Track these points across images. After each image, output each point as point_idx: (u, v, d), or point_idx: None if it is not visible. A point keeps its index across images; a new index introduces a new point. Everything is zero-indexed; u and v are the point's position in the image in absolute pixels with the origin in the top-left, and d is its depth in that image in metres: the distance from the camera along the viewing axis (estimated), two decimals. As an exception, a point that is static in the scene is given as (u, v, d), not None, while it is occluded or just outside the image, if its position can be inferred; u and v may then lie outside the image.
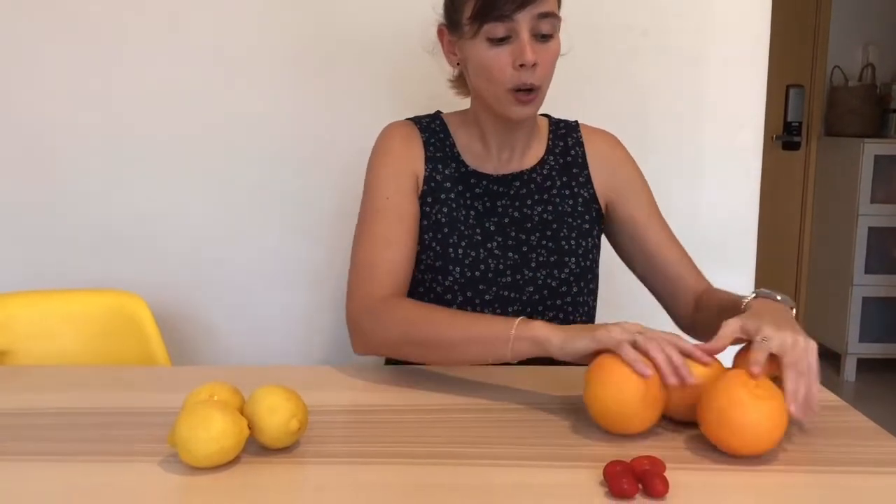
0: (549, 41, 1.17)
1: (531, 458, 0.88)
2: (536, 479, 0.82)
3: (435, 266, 1.25)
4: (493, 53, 1.16)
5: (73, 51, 1.66)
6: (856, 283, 3.65)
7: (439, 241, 1.25)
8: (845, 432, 0.96)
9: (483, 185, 1.28)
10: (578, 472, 0.84)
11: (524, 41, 1.14)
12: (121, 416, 1.00)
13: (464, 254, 1.24)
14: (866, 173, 3.56)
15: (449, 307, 1.24)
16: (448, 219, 1.25)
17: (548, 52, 1.17)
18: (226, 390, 0.91)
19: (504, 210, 1.27)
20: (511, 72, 1.16)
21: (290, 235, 1.73)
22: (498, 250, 1.25)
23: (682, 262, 1.29)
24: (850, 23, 3.86)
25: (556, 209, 1.28)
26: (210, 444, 0.82)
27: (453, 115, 1.34)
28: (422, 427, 0.97)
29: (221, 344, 1.75)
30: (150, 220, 1.71)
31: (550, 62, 1.19)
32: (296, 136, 1.70)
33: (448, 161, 1.29)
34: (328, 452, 0.90)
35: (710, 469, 0.86)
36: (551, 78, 1.21)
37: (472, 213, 1.27)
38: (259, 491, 0.81)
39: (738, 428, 0.86)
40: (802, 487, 0.82)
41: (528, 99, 1.18)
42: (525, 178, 1.29)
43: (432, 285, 1.26)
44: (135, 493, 0.80)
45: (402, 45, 1.63)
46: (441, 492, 0.80)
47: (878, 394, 3.54)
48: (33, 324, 1.44)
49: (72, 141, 1.69)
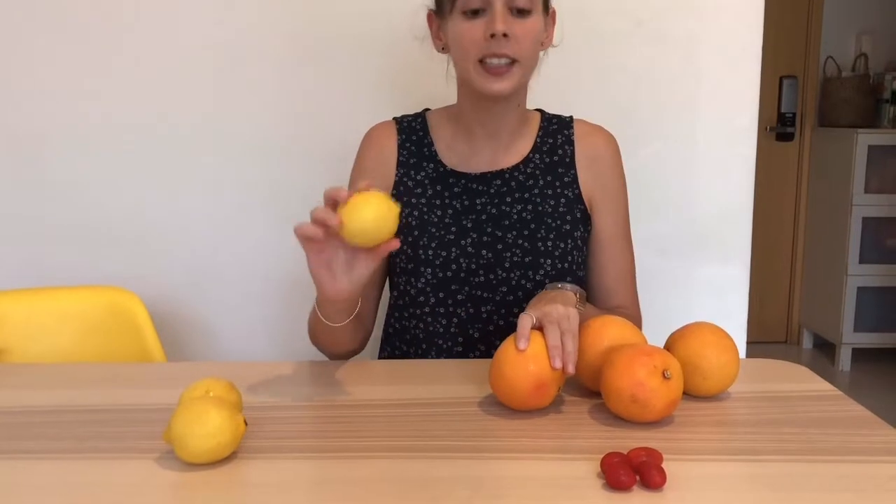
0: (527, 17, 1.16)
1: (529, 451, 0.88)
2: (534, 472, 0.82)
3: (407, 269, 1.25)
4: (467, 26, 1.16)
5: (65, 48, 1.65)
6: (850, 273, 3.66)
7: (410, 243, 1.24)
8: (841, 422, 0.96)
9: (462, 183, 1.27)
10: (576, 464, 0.84)
11: (497, 11, 1.14)
12: (116, 412, 1.00)
13: (434, 254, 1.23)
14: (860, 163, 3.57)
15: (422, 309, 1.25)
16: (419, 221, 1.25)
17: (523, 27, 1.16)
18: (221, 386, 0.91)
19: (483, 208, 1.26)
20: (482, 43, 1.15)
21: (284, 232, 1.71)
22: (472, 248, 1.24)
23: (617, 291, 1.30)
24: (842, 13, 3.86)
25: (536, 209, 1.26)
26: (206, 440, 0.82)
27: (439, 111, 1.33)
28: (419, 421, 0.97)
29: (216, 340, 1.74)
30: (145, 216, 1.71)
31: (526, 37, 1.17)
32: (290, 133, 1.70)
33: (423, 163, 1.28)
34: (325, 448, 0.90)
35: (707, 460, 0.86)
36: (533, 57, 1.20)
37: (448, 211, 1.26)
38: (254, 487, 0.81)
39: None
40: (799, 477, 0.82)
41: (498, 71, 1.16)
42: (507, 176, 1.28)
43: (406, 288, 1.26)
44: (131, 489, 0.80)
45: (395, 38, 1.63)
46: (441, 485, 0.80)
47: (873, 383, 3.55)
48: (28, 322, 1.44)
49: (65, 138, 1.68)
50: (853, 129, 3.62)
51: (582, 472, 0.82)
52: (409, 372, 1.18)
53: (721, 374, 1.01)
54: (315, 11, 1.66)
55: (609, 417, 0.96)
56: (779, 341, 4.14)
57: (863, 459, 0.86)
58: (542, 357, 0.95)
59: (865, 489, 0.80)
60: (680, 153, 1.73)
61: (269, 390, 1.06)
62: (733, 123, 1.73)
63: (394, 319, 1.32)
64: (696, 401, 1.02)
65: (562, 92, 1.39)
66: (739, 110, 1.73)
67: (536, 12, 1.17)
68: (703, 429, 0.95)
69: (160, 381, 1.16)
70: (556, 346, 0.96)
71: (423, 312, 1.26)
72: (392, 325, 1.32)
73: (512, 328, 1.19)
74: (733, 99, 1.72)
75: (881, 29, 3.86)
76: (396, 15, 1.60)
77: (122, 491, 0.80)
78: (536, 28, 1.18)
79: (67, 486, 0.81)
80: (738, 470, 0.85)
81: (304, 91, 1.68)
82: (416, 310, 1.26)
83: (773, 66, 3.78)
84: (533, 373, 0.95)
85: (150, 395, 1.07)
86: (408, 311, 1.28)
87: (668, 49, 1.69)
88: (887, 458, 0.87)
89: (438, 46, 1.26)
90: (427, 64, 1.34)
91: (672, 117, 1.72)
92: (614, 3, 1.68)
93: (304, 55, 1.67)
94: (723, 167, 1.74)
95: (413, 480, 0.81)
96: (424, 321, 1.26)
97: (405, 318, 1.29)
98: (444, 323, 1.25)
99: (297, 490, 0.81)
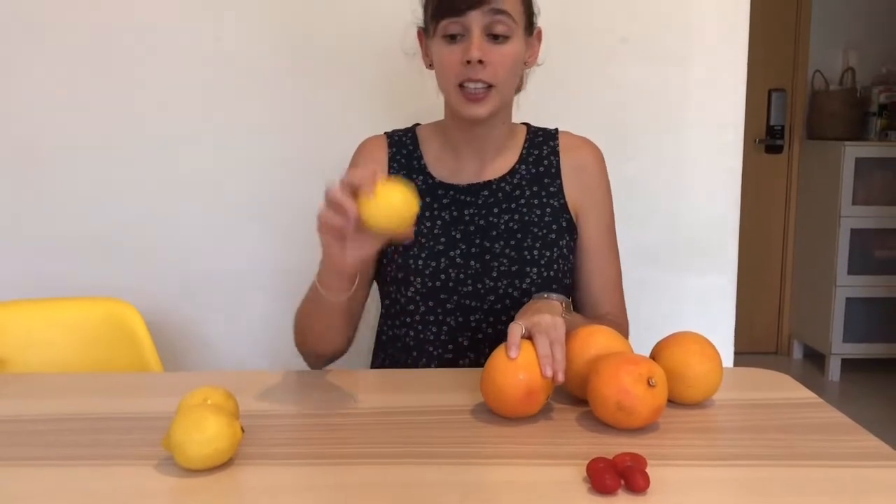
0: (503, 43, 1.19)
1: (515, 457, 0.91)
2: (521, 477, 0.85)
3: (398, 278, 1.28)
4: (447, 50, 1.20)
5: (62, 59, 1.67)
6: (839, 284, 3.69)
7: (401, 253, 1.27)
8: (821, 428, 0.99)
9: (450, 195, 1.30)
10: (562, 469, 0.86)
11: (474, 38, 1.17)
12: (114, 421, 1.02)
13: (424, 264, 1.26)
14: (848, 175, 3.61)
15: (412, 318, 1.28)
16: None
17: (499, 53, 1.19)
18: (219, 394, 0.93)
19: (471, 219, 1.29)
20: (459, 68, 1.19)
21: (280, 241, 1.74)
22: (461, 258, 1.27)
23: (605, 299, 1.33)
24: (830, 28, 3.91)
25: (523, 218, 1.29)
26: (204, 445, 0.84)
27: (429, 126, 1.37)
28: (408, 428, 0.99)
29: (213, 350, 1.76)
30: (142, 228, 1.73)
31: (503, 63, 1.20)
32: (287, 142, 1.72)
33: (413, 175, 1.31)
34: (319, 454, 0.92)
35: (690, 465, 0.89)
36: (511, 81, 1.24)
37: (437, 222, 1.29)
38: (250, 493, 0.83)
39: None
40: (781, 481, 0.85)
41: (475, 97, 1.20)
42: (493, 187, 1.30)
43: (397, 297, 1.29)
44: (129, 496, 0.82)
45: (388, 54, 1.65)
46: (428, 490, 0.82)
47: (863, 394, 3.58)
48: (27, 332, 1.45)
49: (63, 148, 1.70)
50: (841, 141, 3.66)
51: (568, 477, 0.84)
52: (401, 380, 1.20)
53: (704, 382, 1.04)
54: (310, 26, 1.69)
55: (595, 424, 0.98)
56: (769, 352, 4.16)
57: (842, 464, 0.89)
58: (533, 365, 0.98)
59: (843, 493, 0.82)
60: (667, 166, 1.76)
61: (264, 398, 1.08)
62: (720, 137, 1.76)
63: (386, 327, 1.34)
64: (680, 408, 1.04)
65: (549, 108, 1.42)
66: (726, 124, 1.75)
67: (516, 36, 1.20)
68: (687, 435, 0.97)
69: (157, 391, 1.18)
70: (546, 354, 0.98)
71: (414, 321, 1.28)
72: (385, 333, 1.35)
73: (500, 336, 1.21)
74: (719, 113, 1.75)
75: (868, 43, 3.91)
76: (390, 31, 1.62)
77: (120, 497, 0.82)
78: (514, 53, 1.21)
79: (66, 493, 0.83)
80: (720, 474, 0.87)
81: (299, 103, 1.71)
82: (406, 318, 1.29)
83: (762, 79, 3.82)
84: (523, 381, 0.97)
85: (148, 404, 1.08)
86: (399, 320, 1.31)
87: (655, 64, 1.72)
88: (865, 462, 0.89)
89: (427, 63, 1.29)
90: (418, 79, 1.37)
91: (659, 131, 1.75)
92: (601, 20, 1.71)
93: (299, 68, 1.70)
94: (710, 179, 1.77)
95: (404, 486, 0.83)
96: (415, 329, 1.29)
97: (396, 327, 1.31)
98: (434, 331, 1.28)
99: (291, 495, 0.83)
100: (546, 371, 0.97)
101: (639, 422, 0.95)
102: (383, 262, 1.29)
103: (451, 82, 1.21)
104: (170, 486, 0.83)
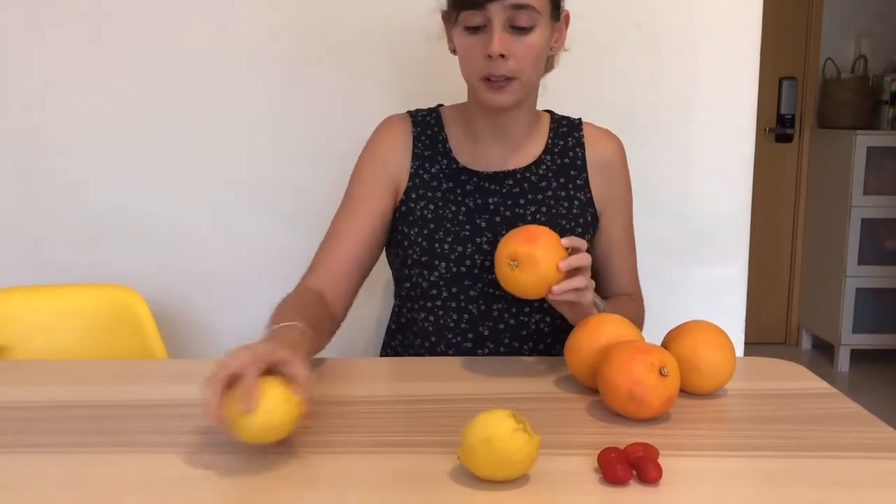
0: (527, 34, 1.16)
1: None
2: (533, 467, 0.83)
3: (421, 261, 1.26)
4: (468, 42, 1.18)
5: (67, 46, 1.66)
6: (849, 274, 3.67)
7: (425, 236, 1.25)
8: (835, 418, 0.97)
9: (474, 181, 1.28)
10: (573, 459, 0.85)
11: (495, 31, 1.15)
12: (118, 409, 1.01)
13: (450, 249, 1.24)
14: (859, 165, 3.58)
15: (433, 303, 1.26)
16: (434, 214, 1.26)
17: (523, 44, 1.16)
18: None
19: (496, 207, 1.27)
20: (481, 62, 1.17)
21: (286, 228, 1.73)
22: (487, 246, 1.25)
23: (628, 285, 1.35)
24: (842, 15, 3.87)
25: (551, 211, 1.27)
26: (268, 416, 0.81)
27: (452, 108, 1.34)
28: (418, 417, 0.98)
29: (218, 338, 1.75)
30: (147, 214, 1.71)
31: (526, 55, 1.17)
32: (291, 129, 1.70)
33: (438, 157, 1.29)
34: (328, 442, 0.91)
35: (703, 455, 0.88)
36: (535, 70, 1.21)
37: (462, 209, 1.27)
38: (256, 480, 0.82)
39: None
40: (795, 472, 0.83)
41: (499, 86, 1.18)
42: (518, 176, 1.29)
43: (418, 280, 1.27)
44: (132, 483, 0.81)
45: (404, 37, 1.63)
46: (437, 479, 0.81)
47: (872, 384, 3.56)
48: (30, 319, 1.45)
49: (68, 136, 1.69)
50: (852, 130, 3.63)
51: (579, 468, 0.83)
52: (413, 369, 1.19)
53: (717, 371, 1.02)
54: (323, 9, 1.67)
55: (607, 414, 0.97)
56: (778, 342, 4.15)
57: (856, 455, 0.87)
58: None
59: (859, 484, 0.81)
60: (679, 155, 1.74)
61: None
62: (732, 125, 1.74)
63: (406, 310, 1.31)
64: (692, 398, 1.03)
65: (560, 95, 1.40)
66: (738, 112, 1.73)
67: (540, 26, 1.17)
68: (700, 425, 0.96)
69: (161, 378, 1.17)
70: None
71: (435, 306, 1.26)
72: (404, 316, 1.32)
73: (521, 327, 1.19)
74: (732, 101, 1.73)
75: (880, 31, 3.87)
76: (406, 13, 1.61)
77: (122, 485, 0.81)
78: (537, 44, 1.18)
79: (69, 480, 0.82)
80: (732, 465, 0.86)
81: (307, 91, 1.69)
82: (427, 302, 1.27)
83: (773, 67, 3.78)
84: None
85: (152, 391, 1.08)
86: (418, 304, 1.28)
87: (667, 52, 1.70)
88: (880, 454, 0.88)
89: (451, 49, 1.26)
90: (438, 63, 1.34)
91: (671, 119, 1.73)
92: (612, 7, 1.69)
93: (309, 54, 1.68)
94: (721, 169, 1.75)
95: (412, 475, 0.82)
96: (435, 314, 1.27)
97: (415, 311, 1.29)
98: (455, 318, 1.26)
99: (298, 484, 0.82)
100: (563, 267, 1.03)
101: (650, 412, 0.94)
102: (405, 244, 1.27)
103: (475, 75, 1.19)
104: (172, 474, 0.82)
